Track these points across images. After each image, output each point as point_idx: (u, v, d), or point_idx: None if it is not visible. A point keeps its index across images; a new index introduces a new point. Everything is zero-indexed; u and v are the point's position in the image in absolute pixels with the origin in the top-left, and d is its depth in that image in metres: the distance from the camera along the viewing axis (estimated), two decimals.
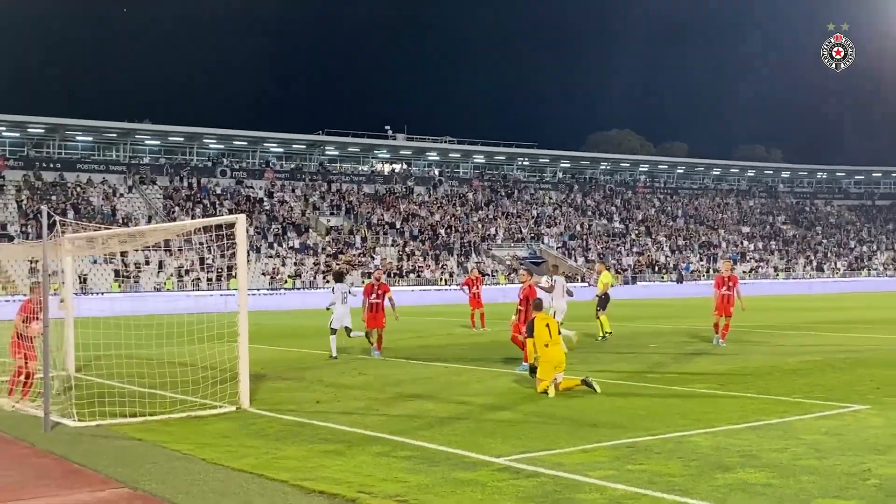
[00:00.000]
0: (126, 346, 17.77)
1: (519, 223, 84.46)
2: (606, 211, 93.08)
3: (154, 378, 15.19)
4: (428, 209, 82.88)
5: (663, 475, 8.43)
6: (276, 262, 65.80)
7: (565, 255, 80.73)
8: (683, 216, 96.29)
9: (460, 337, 27.47)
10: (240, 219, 13.60)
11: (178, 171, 75.41)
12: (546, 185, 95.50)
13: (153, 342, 16.82)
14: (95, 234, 16.65)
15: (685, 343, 23.15)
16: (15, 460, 9.93)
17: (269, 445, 10.29)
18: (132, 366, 16.56)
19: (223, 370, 14.31)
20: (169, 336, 17.18)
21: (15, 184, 66.88)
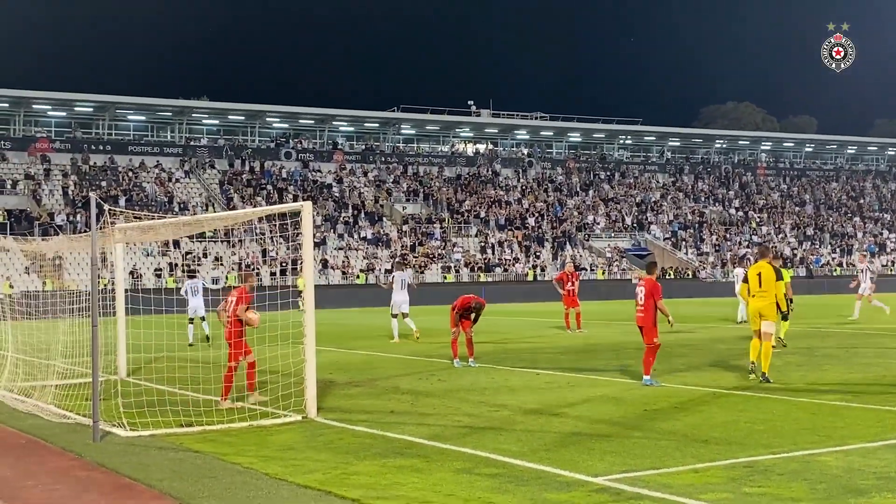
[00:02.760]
0: (181, 347, 18.21)
1: (621, 210, 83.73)
2: (722, 196, 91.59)
3: (211, 383, 15.52)
4: (516, 194, 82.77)
5: (785, 499, 8.28)
6: (349, 254, 66.54)
7: (674, 246, 79.73)
8: (812, 202, 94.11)
9: (553, 339, 27.39)
10: (306, 206, 13.79)
11: (238, 154, 76.85)
12: (652, 167, 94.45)
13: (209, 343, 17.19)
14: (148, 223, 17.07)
15: (814, 347, 22.66)
16: (61, 473, 10.27)
17: (338, 459, 10.43)
18: (187, 370, 16.94)
19: (287, 375, 14.54)
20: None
21: (61, 168, 69.00)
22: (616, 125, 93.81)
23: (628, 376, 17.59)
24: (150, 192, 68.10)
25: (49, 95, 72.89)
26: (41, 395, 15.22)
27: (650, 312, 16.34)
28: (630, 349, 23.37)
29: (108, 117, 75.30)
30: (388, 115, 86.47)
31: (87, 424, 12.58)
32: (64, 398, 14.40)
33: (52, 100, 73.29)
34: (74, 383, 15.02)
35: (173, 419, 13.00)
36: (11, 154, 69.10)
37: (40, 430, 12.92)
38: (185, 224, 18.51)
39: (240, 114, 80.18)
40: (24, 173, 67.04)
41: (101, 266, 16.04)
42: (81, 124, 75.81)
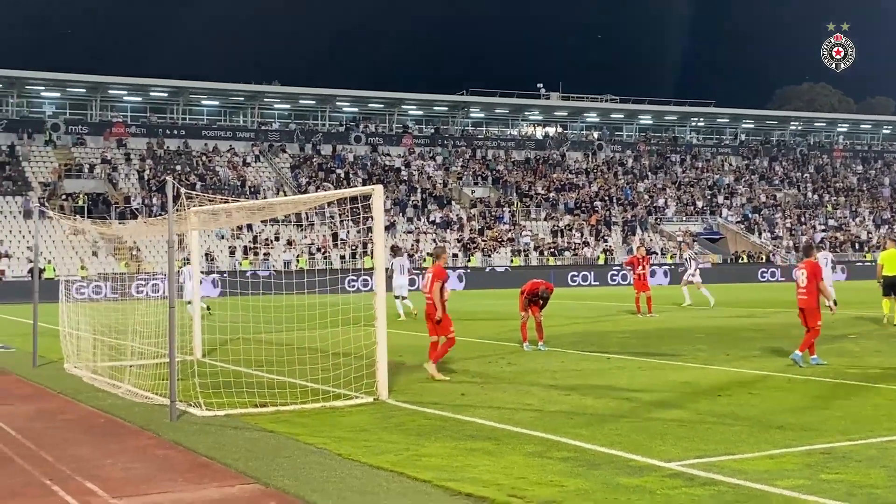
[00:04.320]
0: (255, 329, 18.46)
1: (692, 193, 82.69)
2: (797, 179, 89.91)
3: (284, 365, 15.71)
4: (586, 178, 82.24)
5: (864, 486, 8.14)
6: (418, 238, 66.78)
7: (747, 230, 78.56)
8: (891, 185, 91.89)
9: (624, 324, 27.22)
10: (377, 190, 13.86)
11: (308, 138, 77.53)
12: (725, 150, 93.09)
13: (283, 325, 17.39)
14: (222, 206, 17.30)
15: (893, 334, 22.19)
16: (139, 452, 10.49)
17: (409, 441, 10.50)
18: (261, 351, 17.19)
19: (359, 357, 14.66)
20: (300, 319, 17.73)
21: (137, 152, 70.27)
22: (688, 107, 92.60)
23: (700, 361, 17.41)
24: (223, 177, 69.03)
25: (125, 81, 74.23)
26: (119, 375, 15.55)
27: (813, 295, 16.31)
28: (701, 334, 23.12)
29: (182, 102, 76.43)
30: (456, 99, 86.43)
31: (164, 404, 12.83)
32: (141, 378, 14.68)
33: (128, 85, 74.61)
34: (151, 363, 15.32)
35: (248, 400, 13.20)
36: (89, 139, 70.59)
37: (118, 410, 13.20)
38: (259, 208, 18.73)
39: (310, 98, 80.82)
40: (101, 157, 68.41)
41: (177, 249, 16.31)
42: (156, 109, 77.06)
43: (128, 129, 72.62)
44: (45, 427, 12.14)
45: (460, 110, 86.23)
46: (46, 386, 16.00)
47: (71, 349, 18.17)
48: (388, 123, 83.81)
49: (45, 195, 62.03)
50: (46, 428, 12.08)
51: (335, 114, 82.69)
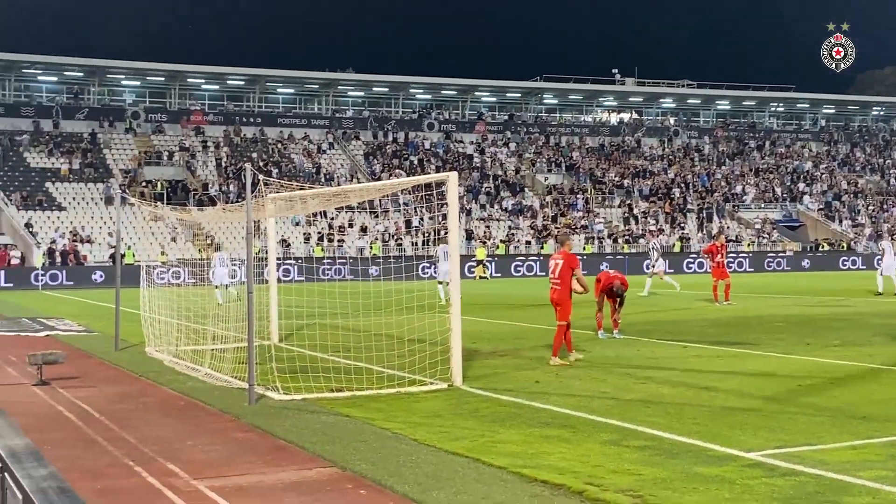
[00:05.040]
0: (330, 315, 18.65)
1: (771, 180, 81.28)
2: (879, 165, 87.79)
3: (360, 351, 15.85)
4: (662, 164, 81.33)
5: None
6: (491, 225, 66.71)
7: (828, 217, 76.99)
8: None
9: (700, 312, 26.91)
10: (451, 177, 13.88)
11: (382, 125, 77.87)
12: (805, 135, 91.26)
13: (359, 311, 17.55)
14: (298, 193, 17.49)
15: None
16: (219, 434, 10.68)
17: (484, 427, 10.52)
18: (337, 337, 17.36)
19: (433, 343, 14.73)
20: (376, 305, 17.88)
21: (214, 140, 71.30)
22: (767, 92, 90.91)
23: (780, 350, 17.13)
24: (298, 164, 69.69)
25: (203, 69, 75.32)
26: (198, 359, 15.84)
27: None
28: (780, 322, 22.76)
29: (258, 90, 77.29)
30: (530, 85, 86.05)
31: (242, 388, 13.03)
32: (220, 362, 14.93)
33: (206, 73, 75.69)
34: (230, 348, 15.56)
35: (324, 384, 13.35)
36: (168, 126, 71.77)
37: (198, 393, 13.45)
38: (334, 195, 18.89)
39: (384, 85, 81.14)
40: (180, 145, 69.51)
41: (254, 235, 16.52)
42: (233, 97, 78.04)
43: (205, 116, 73.67)
44: (127, 409, 12.42)
45: (534, 97, 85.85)
46: (128, 369, 16.37)
47: (152, 333, 18.56)
48: (461, 110, 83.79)
49: (126, 182, 63.29)
50: (129, 410, 12.36)
51: (408, 101, 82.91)
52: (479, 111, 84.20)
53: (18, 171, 62.79)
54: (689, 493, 7.73)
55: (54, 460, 8.20)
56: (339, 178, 68.77)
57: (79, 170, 63.75)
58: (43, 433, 10.41)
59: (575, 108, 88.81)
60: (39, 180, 62.14)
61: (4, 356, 18.22)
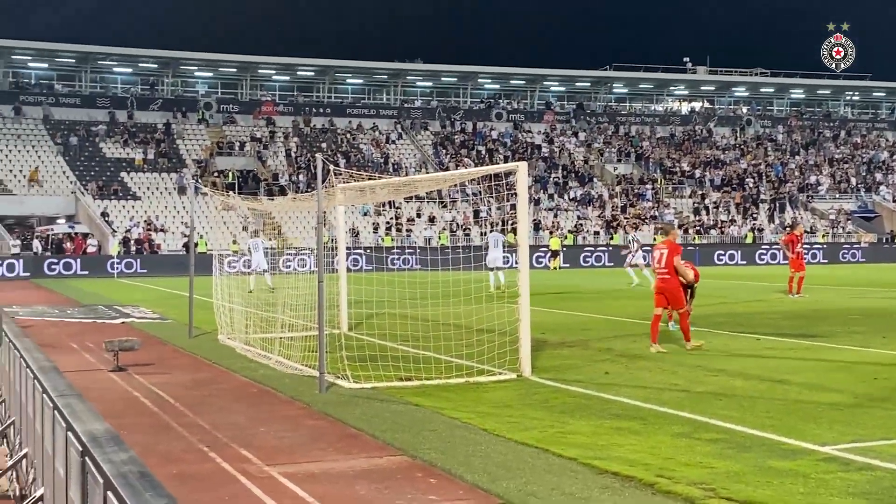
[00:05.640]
0: (399, 304, 18.73)
1: (846, 170, 79.65)
2: None
3: (429, 340, 15.91)
4: (734, 154, 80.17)
5: None
6: (559, 215, 66.42)
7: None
8: None
9: (775, 304, 26.52)
10: (521, 167, 13.85)
11: (450, 115, 77.91)
12: (881, 125, 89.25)
13: (427, 301, 17.61)
14: (368, 183, 17.59)
15: None
16: (290, 421, 10.81)
17: (553, 418, 10.50)
18: (406, 326, 17.42)
19: (502, 333, 14.72)
20: (444, 295, 17.91)
21: (284, 130, 72.04)
22: (842, 80, 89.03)
23: (856, 343, 16.81)
24: (366, 154, 70.09)
25: (273, 60, 76.09)
26: (270, 347, 16.04)
27: None
28: (856, 315, 22.32)
29: (327, 81, 77.87)
30: (599, 74, 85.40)
31: (313, 375, 13.17)
32: (291, 350, 15.09)
33: (276, 65, 76.45)
34: (300, 336, 15.72)
35: (393, 373, 13.43)
36: (239, 117, 72.66)
37: (270, 380, 13.62)
38: (403, 185, 18.96)
39: (452, 75, 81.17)
40: (251, 135, 70.33)
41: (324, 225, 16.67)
42: (303, 88, 78.72)
43: (276, 107, 74.42)
44: (201, 395, 12.63)
45: (603, 86, 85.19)
46: (201, 356, 16.64)
47: (224, 321, 18.83)
48: (529, 100, 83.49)
49: (198, 172, 64.21)
50: (203, 396, 12.57)
51: (476, 91, 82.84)
52: (547, 101, 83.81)
53: (94, 161, 64.10)
54: (762, 486, 7.63)
55: (131, 445, 8.37)
56: (408, 167, 69.02)
57: (153, 160, 64.87)
58: (119, 418, 10.63)
59: (645, 97, 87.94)
60: (115, 170, 63.36)
61: (82, 343, 18.64)
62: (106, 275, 48.99)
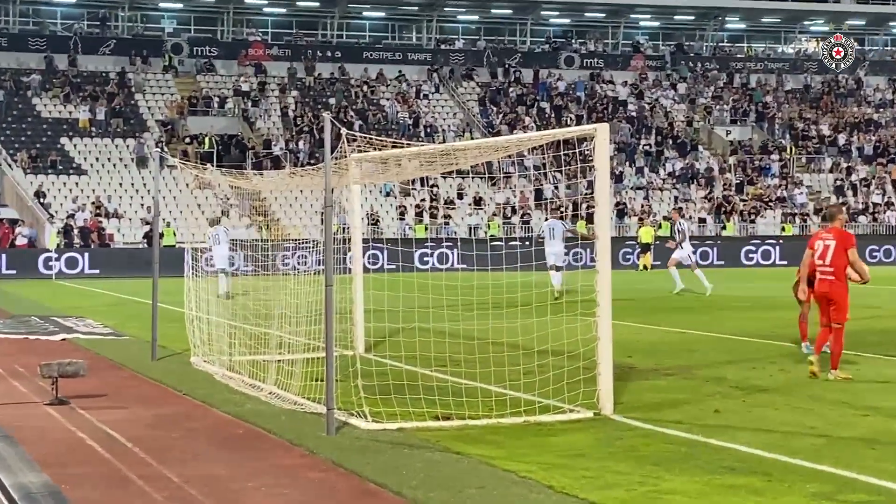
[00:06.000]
0: (435, 316, 18.72)
1: None
2: None
3: (474, 365, 15.88)
4: (891, 113, 79.53)
5: None
6: (651, 195, 66.22)
7: None
8: None
9: None
10: (600, 130, 13.78)
11: (502, 61, 77.82)
12: None
13: (472, 311, 17.58)
14: (392, 152, 17.58)
15: None
16: (288, 473, 10.84)
17: (644, 472, 10.46)
18: (443, 346, 17.41)
19: (574, 357, 14.67)
20: (495, 304, 17.88)
21: (279, 81, 72.22)
22: None
23: None
24: (390, 113, 70.25)
25: None
26: (261, 373, 16.09)
27: None
28: None
29: (337, 14, 77.98)
30: (707, 4, 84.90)
31: (318, 412, 13.20)
32: (289, 377, 15.12)
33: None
34: (301, 359, 15.76)
35: (426, 409, 13.42)
36: (219, 63, 72.95)
37: (261, 418, 13.66)
38: (440, 154, 18.93)
39: (505, 6, 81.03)
40: (234, 88, 70.62)
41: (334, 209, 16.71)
42: (304, 24, 78.89)
43: (268, 50, 74.71)
44: (168, 438, 12.69)
45: (712, 20, 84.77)
46: (169, 385, 16.72)
47: (199, 338, 18.92)
48: (610, 39, 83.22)
49: (164, 137, 64.60)
50: (170, 439, 12.63)
51: (539, 27, 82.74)
52: (635, 41, 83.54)
53: (25, 122, 64.69)
54: None
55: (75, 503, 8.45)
56: (446, 131, 69.06)
57: (103, 121, 65.36)
58: (60, 468, 10.70)
59: (770, 35, 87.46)
60: (53, 135, 63.91)
61: (8, 366, 18.80)
62: (41, 275, 49.44)
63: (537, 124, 69.47)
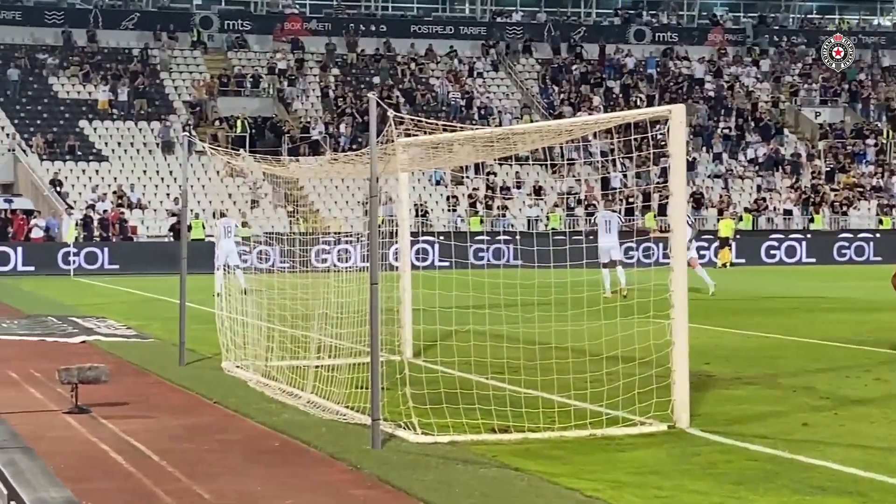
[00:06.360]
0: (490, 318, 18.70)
1: None
2: None
3: (535, 372, 15.87)
4: None
5: None
6: (731, 184, 65.92)
7: None
8: None
9: None
10: (675, 112, 13.76)
11: (565, 34, 77.64)
12: None
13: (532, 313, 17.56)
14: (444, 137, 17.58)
15: None
16: (330, 490, 10.88)
17: (725, 491, 10.43)
18: (500, 351, 17.39)
19: (645, 364, 14.63)
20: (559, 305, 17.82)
21: (318, 58, 72.32)
22: None
23: None
24: (439, 93, 70.27)
25: None
26: (299, 380, 16.14)
27: None
28: None
29: None
30: None
31: (362, 423, 13.23)
32: (329, 384, 15.16)
33: None
34: (343, 364, 15.79)
35: (481, 421, 13.41)
36: (253, 39, 73.10)
37: (299, 430, 13.70)
38: (498, 138, 18.92)
39: None
40: (269, 66, 70.78)
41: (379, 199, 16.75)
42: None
43: (306, 24, 74.83)
44: (198, 451, 12.76)
45: None
46: (198, 392, 16.82)
47: (232, 341, 19.00)
48: (686, 11, 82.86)
49: (193, 120, 64.82)
50: (200, 452, 12.70)
51: None
52: (712, 12, 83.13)
53: (41, 104, 65.09)
54: None
55: None
56: (502, 113, 69.00)
57: (125, 102, 65.64)
58: (81, 482, 10.78)
59: (865, 4, 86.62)
60: (71, 118, 64.29)
61: (25, 370, 18.98)
62: (58, 271, 49.77)
63: (604, 106, 69.25)
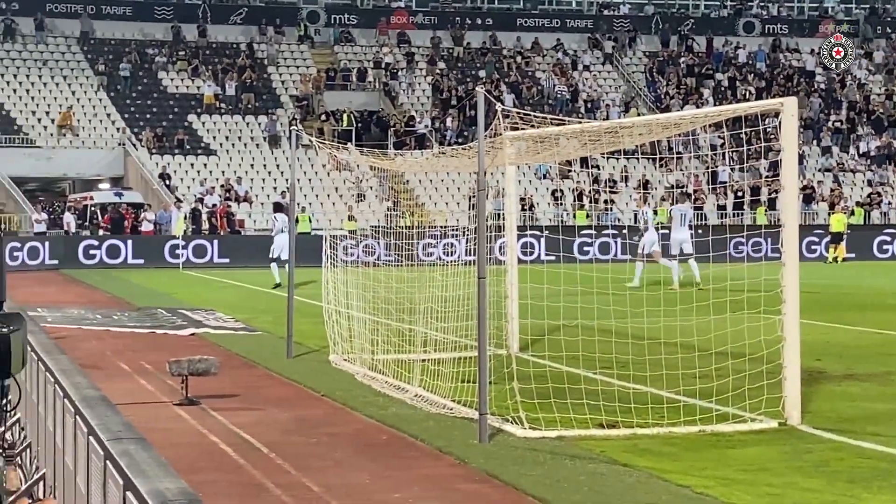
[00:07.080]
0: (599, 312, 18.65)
1: None
2: None
3: (643, 367, 15.80)
4: None
5: None
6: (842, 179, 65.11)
7: None
8: None
9: None
10: (787, 105, 13.66)
11: (674, 28, 77.07)
12: None
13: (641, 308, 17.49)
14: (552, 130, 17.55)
15: None
16: (439, 484, 10.92)
17: (837, 490, 10.33)
18: (608, 346, 17.32)
19: (756, 360, 14.50)
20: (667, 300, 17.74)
21: (424, 52, 72.40)
22: None
23: None
24: (545, 86, 70.03)
25: None
26: (406, 374, 16.19)
27: None
28: None
29: None
30: None
31: (470, 417, 13.25)
32: (437, 378, 15.19)
33: None
34: (450, 358, 15.81)
35: (589, 416, 13.38)
36: (358, 33, 73.24)
37: (406, 423, 13.76)
38: (605, 132, 18.85)
39: None
40: (374, 60, 70.93)
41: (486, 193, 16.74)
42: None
43: (412, 17, 74.90)
44: (307, 444, 12.87)
45: None
46: (306, 385, 16.94)
47: (339, 334, 19.10)
48: (796, 3, 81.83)
49: (299, 114, 65.14)
50: (309, 445, 12.80)
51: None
52: (823, 4, 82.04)
53: (150, 98, 65.78)
54: None
55: None
56: (609, 107, 68.68)
57: (233, 96, 66.13)
58: (192, 474, 10.89)
59: None
60: (179, 112, 64.90)
61: (136, 362, 19.23)
62: (167, 264, 50.30)
63: (713, 99, 68.56)
